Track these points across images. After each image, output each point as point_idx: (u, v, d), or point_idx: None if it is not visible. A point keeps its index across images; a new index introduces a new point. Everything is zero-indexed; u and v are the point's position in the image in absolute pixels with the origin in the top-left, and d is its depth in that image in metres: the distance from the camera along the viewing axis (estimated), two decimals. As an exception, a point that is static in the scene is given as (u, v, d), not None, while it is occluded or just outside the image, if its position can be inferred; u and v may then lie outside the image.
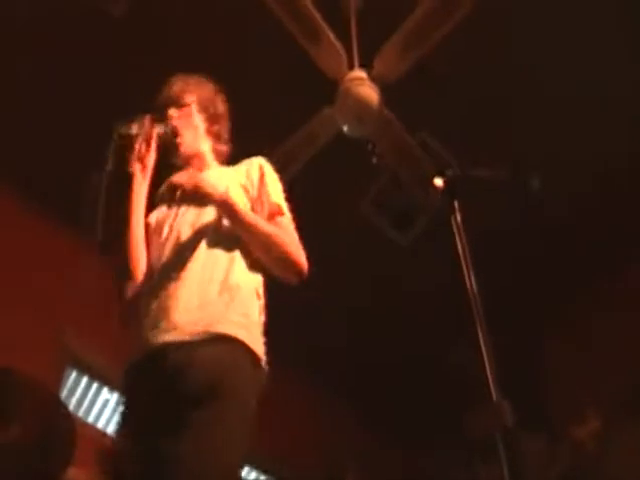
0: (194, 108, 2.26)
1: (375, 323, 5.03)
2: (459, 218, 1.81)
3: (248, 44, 3.64)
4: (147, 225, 2.07)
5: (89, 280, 3.87)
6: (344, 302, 4.94)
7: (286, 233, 2.03)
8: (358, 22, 3.52)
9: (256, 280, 1.98)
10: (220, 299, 1.84)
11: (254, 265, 1.98)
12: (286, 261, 1.98)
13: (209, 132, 2.28)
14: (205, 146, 2.26)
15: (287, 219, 2.08)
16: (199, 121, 2.26)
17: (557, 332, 5.07)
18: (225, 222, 1.98)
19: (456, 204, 1.81)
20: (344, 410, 5.41)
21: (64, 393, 4.23)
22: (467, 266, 1.77)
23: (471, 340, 1.63)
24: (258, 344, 1.85)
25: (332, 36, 3.26)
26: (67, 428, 3.04)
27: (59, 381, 4.16)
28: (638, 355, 4.26)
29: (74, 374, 4.37)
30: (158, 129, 2.14)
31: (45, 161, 4.10)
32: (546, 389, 4.96)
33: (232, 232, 1.97)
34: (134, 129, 2.06)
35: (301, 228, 2.10)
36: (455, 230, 1.79)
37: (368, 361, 5.22)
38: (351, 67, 3.38)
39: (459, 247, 1.77)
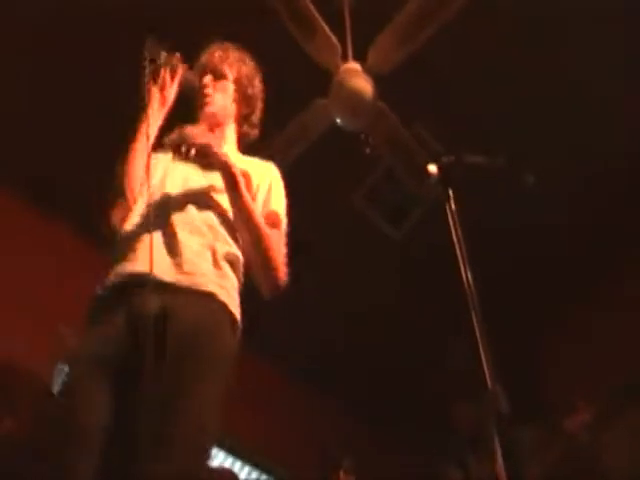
0: (231, 85, 2.21)
1: (370, 322, 5.02)
2: (453, 205, 1.81)
3: (244, 36, 3.63)
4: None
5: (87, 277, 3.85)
6: (340, 301, 4.93)
7: (278, 240, 2.00)
8: (352, 14, 3.51)
9: (238, 255, 1.94)
10: (205, 259, 1.83)
11: (237, 240, 1.95)
12: (268, 264, 1.93)
13: (239, 114, 2.23)
14: (230, 124, 2.21)
15: (281, 233, 2.05)
16: (231, 99, 2.21)
17: (557, 332, 5.06)
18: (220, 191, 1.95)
19: (450, 191, 1.81)
20: (338, 407, 5.41)
21: (56, 387, 4.21)
22: (462, 254, 1.77)
23: (468, 339, 1.63)
24: (236, 308, 1.84)
25: (326, 28, 3.25)
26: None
27: (52, 375, 4.15)
28: (636, 354, 4.26)
29: (66, 368, 4.34)
30: (188, 78, 2.10)
31: (45, 160, 4.09)
32: (544, 387, 4.96)
33: (225, 203, 1.95)
34: (162, 57, 2.03)
35: (295, 223, 2.10)
36: (450, 217, 1.79)
37: (362, 359, 5.22)
38: (345, 59, 3.38)
39: (453, 235, 1.77)
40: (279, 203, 2.10)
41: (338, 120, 3.39)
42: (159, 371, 1.58)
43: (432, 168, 1.87)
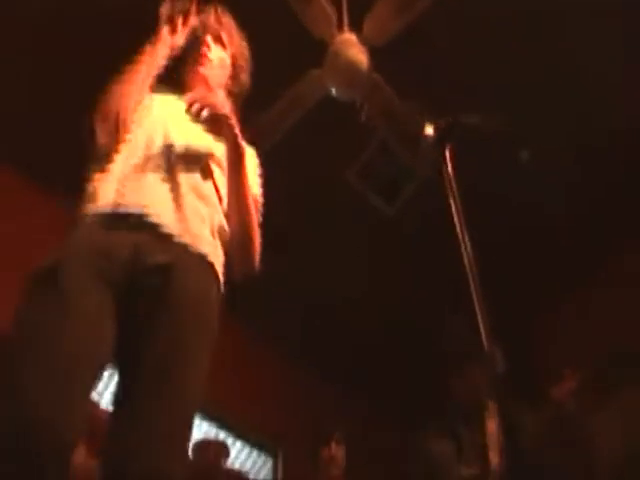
0: (228, 58, 2.17)
1: (362, 295, 5.01)
2: (450, 167, 1.78)
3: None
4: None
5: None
6: (332, 276, 4.91)
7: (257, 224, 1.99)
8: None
9: (227, 232, 1.91)
10: (205, 226, 1.81)
11: (225, 217, 1.93)
12: (250, 245, 1.92)
13: (229, 92, 2.19)
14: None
15: (259, 219, 2.03)
16: (225, 73, 2.16)
17: (554, 310, 5.05)
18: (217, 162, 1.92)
19: (447, 153, 1.79)
20: (336, 388, 5.40)
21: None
22: (460, 219, 1.75)
23: (465, 317, 1.61)
24: (221, 277, 1.82)
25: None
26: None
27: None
28: (634, 332, 4.26)
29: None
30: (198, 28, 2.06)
31: (43, 139, 4.05)
32: (541, 366, 4.96)
33: (219, 176, 1.92)
34: (180, 2, 2.01)
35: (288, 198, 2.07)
36: (446, 179, 1.77)
37: (358, 335, 5.21)
38: (340, 29, 3.33)
39: (450, 197, 1.75)
40: (257, 189, 2.09)
41: (333, 90, 3.35)
42: (157, 324, 1.57)
43: (429, 129, 1.84)
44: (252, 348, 5.13)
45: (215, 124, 1.83)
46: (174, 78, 2.05)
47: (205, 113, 1.78)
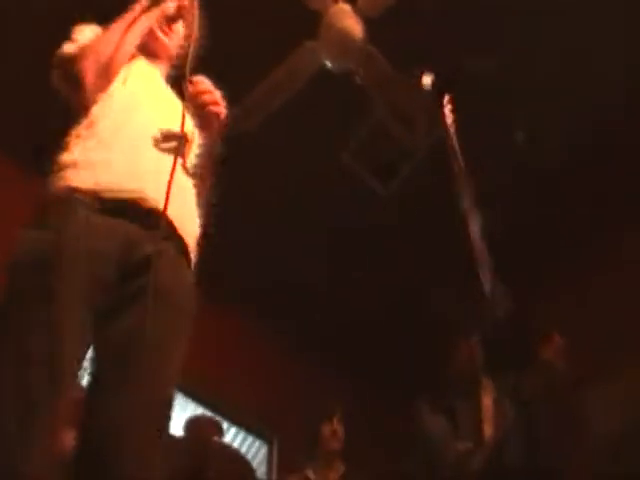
0: (186, 38, 2.06)
1: (355, 272, 4.97)
2: (450, 117, 1.75)
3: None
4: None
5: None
6: (333, 257, 4.90)
7: None
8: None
9: None
10: (192, 216, 1.75)
11: None
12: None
13: (171, 67, 2.07)
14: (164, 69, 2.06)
15: None
16: (178, 50, 2.05)
17: (554, 292, 5.01)
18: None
19: (446, 100, 1.75)
20: (330, 369, 5.37)
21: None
22: (461, 174, 1.72)
23: (453, 287, 1.59)
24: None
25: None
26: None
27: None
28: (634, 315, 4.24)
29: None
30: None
31: (45, 127, 3.99)
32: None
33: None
34: None
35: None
36: (445, 127, 1.73)
37: (349, 313, 5.18)
38: (335, 0, 3.31)
39: (450, 144, 1.72)
40: None
41: (327, 62, 3.33)
42: (137, 310, 1.52)
43: (426, 80, 1.81)
44: (248, 333, 5.10)
45: (208, 116, 1.81)
46: None
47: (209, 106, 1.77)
